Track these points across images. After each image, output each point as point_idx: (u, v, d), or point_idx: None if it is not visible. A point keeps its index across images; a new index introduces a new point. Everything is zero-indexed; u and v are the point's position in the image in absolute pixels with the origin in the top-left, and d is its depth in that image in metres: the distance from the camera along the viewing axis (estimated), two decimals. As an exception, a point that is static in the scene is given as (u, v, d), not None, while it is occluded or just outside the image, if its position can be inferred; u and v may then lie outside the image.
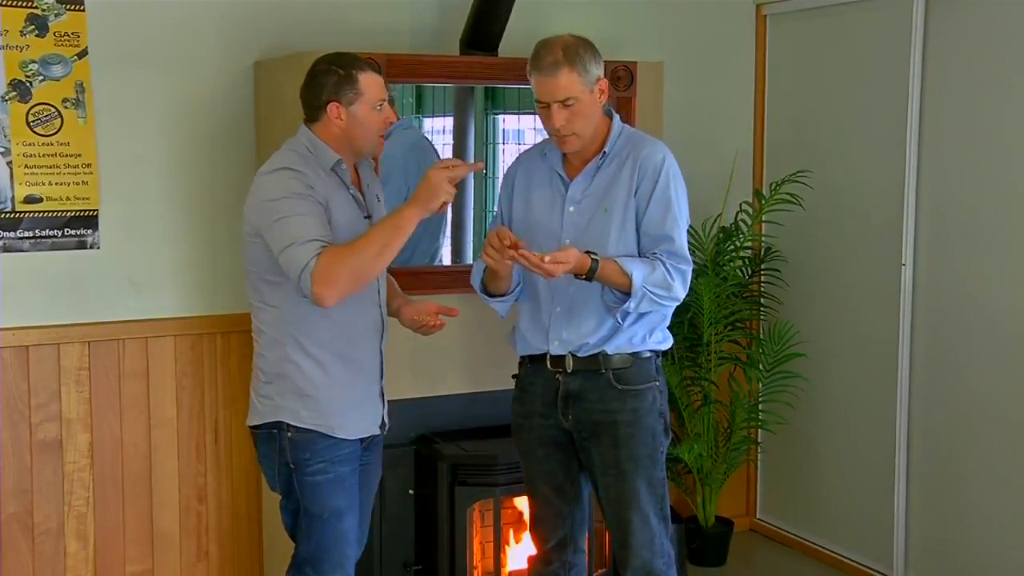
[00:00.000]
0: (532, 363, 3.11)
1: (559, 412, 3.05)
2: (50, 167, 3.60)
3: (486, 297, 3.13)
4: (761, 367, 4.50)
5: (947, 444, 4.07)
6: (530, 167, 3.11)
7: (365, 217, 2.95)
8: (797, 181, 4.35)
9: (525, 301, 3.11)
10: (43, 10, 3.56)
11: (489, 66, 3.76)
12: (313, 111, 2.89)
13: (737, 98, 4.75)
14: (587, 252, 2.86)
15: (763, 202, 4.47)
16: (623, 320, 2.95)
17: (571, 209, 2.99)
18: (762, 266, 4.59)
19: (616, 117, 3.04)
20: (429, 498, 3.68)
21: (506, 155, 4.06)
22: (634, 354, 3.01)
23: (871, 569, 4.35)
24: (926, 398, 4.14)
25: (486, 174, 4.02)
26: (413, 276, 3.54)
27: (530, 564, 3.33)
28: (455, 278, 3.70)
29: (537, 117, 2.98)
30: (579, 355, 3.00)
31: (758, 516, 4.94)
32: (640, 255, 2.95)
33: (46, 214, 3.60)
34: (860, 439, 4.41)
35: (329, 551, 2.95)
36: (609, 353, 2.99)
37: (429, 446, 3.70)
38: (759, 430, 4.70)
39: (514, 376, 3.20)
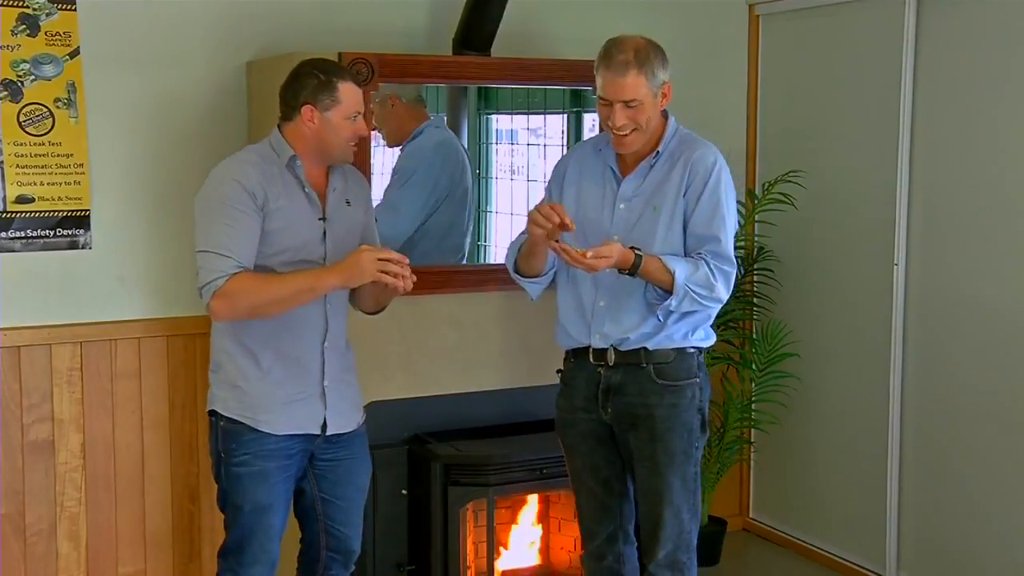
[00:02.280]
0: (575, 357, 3.13)
1: (599, 406, 3.07)
2: (42, 167, 3.59)
3: (519, 277, 3.14)
4: (754, 367, 4.51)
5: (939, 443, 4.07)
6: (583, 161, 3.13)
7: (320, 219, 2.97)
8: (790, 181, 4.35)
9: (567, 294, 3.12)
10: (34, 9, 3.54)
11: (482, 66, 3.76)
12: (288, 110, 2.95)
13: (730, 97, 4.75)
14: (631, 247, 2.87)
15: (756, 202, 4.47)
16: (664, 318, 2.97)
17: (622, 206, 3.01)
18: (755, 266, 4.59)
19: (672, 118, 3.06)
20: (422, 498, 3.67)
21: (499, 155, 4.07)
22: (676, 350, 3.03)
23: (864, 568, 4.35)
24: (918, 398, 4.14)
25: (479, 174, 4.02)
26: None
27: (580, 560, 3.33)
28: (450, 277, 3.71)
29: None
30: (621, 349, 3.02)
31: (751, 516, 4.94)
32: (685, 255, 2.96)
33: (38, 214, 3.59)
34: (853, 438, 4.41)
35: (250, 542, 2.99)
36: (650, 349, 3.01)
37: (422, 446, 3.69)
38: (752, 430, 4.70)
39: (558, 371, 3.22)
